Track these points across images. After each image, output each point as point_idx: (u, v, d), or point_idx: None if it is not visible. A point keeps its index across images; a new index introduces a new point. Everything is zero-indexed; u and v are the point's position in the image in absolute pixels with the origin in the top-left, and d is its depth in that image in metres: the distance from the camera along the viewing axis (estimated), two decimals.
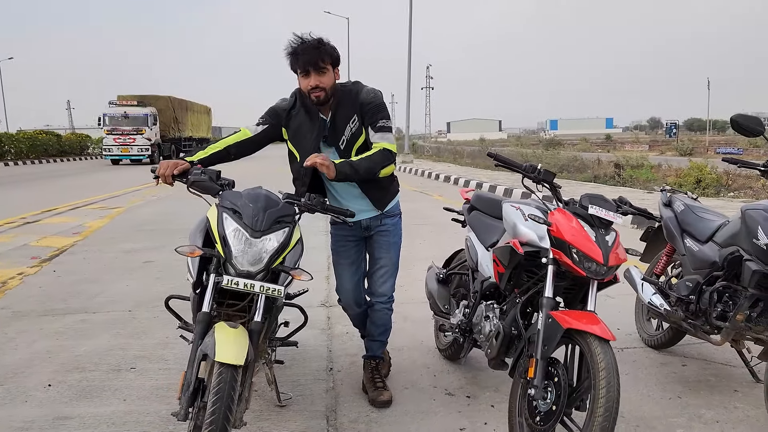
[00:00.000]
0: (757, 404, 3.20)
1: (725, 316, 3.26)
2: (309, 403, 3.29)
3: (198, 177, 2.61)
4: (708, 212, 3.76)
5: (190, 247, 2.48)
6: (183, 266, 6.79)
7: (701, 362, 3.84)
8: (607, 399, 2.28)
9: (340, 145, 3.01)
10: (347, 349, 4.12)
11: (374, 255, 3.28)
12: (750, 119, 3.19)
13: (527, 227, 2.80)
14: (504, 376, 3.54)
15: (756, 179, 14.48)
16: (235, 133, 3.05)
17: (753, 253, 3.08)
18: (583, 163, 20.00)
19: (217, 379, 2.18)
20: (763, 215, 3.05)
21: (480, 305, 3.19)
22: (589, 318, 2.52)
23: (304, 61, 2.85)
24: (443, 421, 3.08)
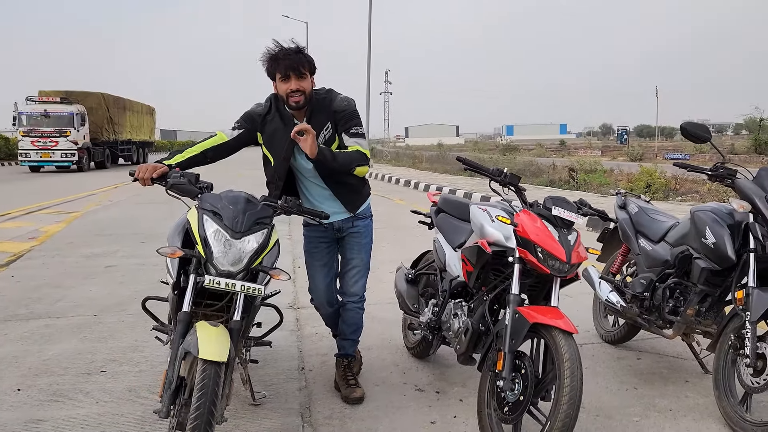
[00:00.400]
0: (706, 393, 3.42)
1: (677, 311, 3.48)
2: (283, 401, 3.36)
3: (177, 180, 2.67)
4: (660, 214, 3.98)
5: (170, 248, 2.54)
6: (147, 271, 6.79)
7: (654, 356, 4.05)
8: (571, 388, 2.44)
9: None
10: (317, 349, 4.20)
11: (346, 256, 3.38)
12: (698, 126, 3.42)
13: (494, 228, 2.94)
14: (470, 372, 3.70)
15: (702, 183, 15.11)
16: (212, 137, 3.11)
17: (702, 251, 3.30)
18: (539, 168, 20.46)
19: (201, 376, 2.24)
20: (710, 216, 3.27)
21: (449, 303, 3.32)
22: (554, 313, 2.68)
23: (285, 66, 2.94)
24: (415, 415, 3.20)
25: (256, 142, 3.16)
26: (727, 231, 3.16)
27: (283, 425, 3.09)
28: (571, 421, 2.43)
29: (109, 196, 15.23)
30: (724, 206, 3.37)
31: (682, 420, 3.14)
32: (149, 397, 3.40)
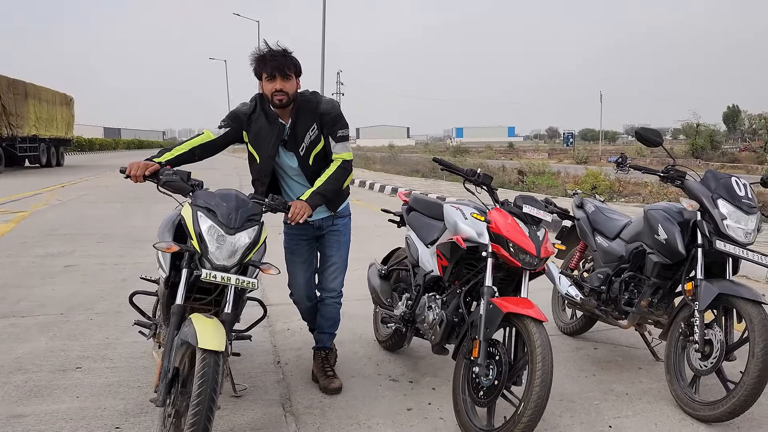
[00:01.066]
0: (658, 379, 3.70)
1: (632, 303, 3.75)
2: (263, 393, 3.47)
3: (170, 177, 2.76)
4: (614, 213, 4.27)
5: (166, 243, 2.63)
6: (108, 270, 6.74)
7: (610, 346, 4.33)
8: (543, 372, 2.64)
9: (300, 151, 3.23)
10: (290, 344, 4.32)
11: (326, 253, 3.52)
12: (651, 132, 3.70)
13: (467, 225, 3.14)
14: (440, 363, 3.89)
15: (644, 186, 15.82)
16: (199, 135, 3.21)
17: (654, 247, 3.58)
18: (489, 170, 20.91)
19: (201, 365, 2.34)
20: (662, 214, 3.56)
21: (422, 297, 3.49)
22: (525, 303, 2.89)
23: (272, 66, 3.07)
24: (391, 404, 3.36)
25: (242, 141, 3.27)
26: (678, 228, 3.45)
27: (266, 415, 3.20)
28: (543, 402, 2.63)
29: (56, 195, 14.84)
30: (674, 205, 3.66)
31: (637, 403, 3.40)
32: (130, 392, 3.46)
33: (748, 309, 3.03)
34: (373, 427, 3.09)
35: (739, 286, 3.16)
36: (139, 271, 6.56)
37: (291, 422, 3.14)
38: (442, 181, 19.75)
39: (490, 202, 3.21)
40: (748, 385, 2.92)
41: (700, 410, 3.14)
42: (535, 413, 2.62)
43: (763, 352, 2.90)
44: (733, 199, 3.28)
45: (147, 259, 7.21)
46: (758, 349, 2.91)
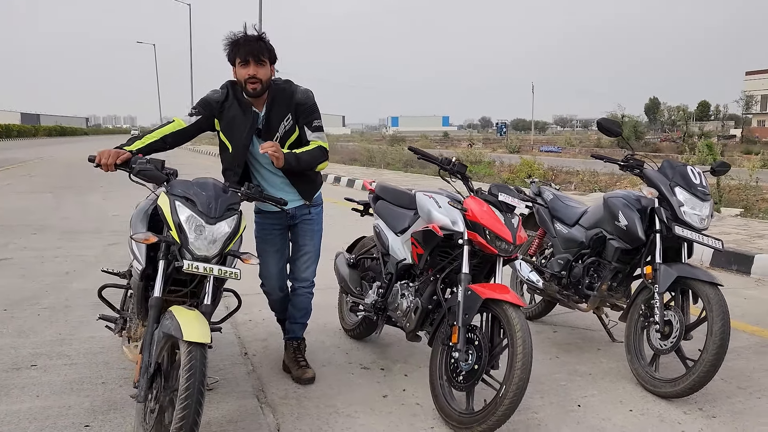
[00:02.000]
0: (617, 359, 3.87)
1: (592, 287, 3.90)
2: (235, 385, 3.42)
3: (144, 166, 2.65)
4: (572, 201, 4.41)
5: (144, 235, 2.53)
6: (49, 263, 6.46)
7: (568, 329, 4.49)
8: (523, 355, 2.72)
9: (274, 140, 3.17)
10: (255, 335, 4.26)
11: (298, 242, 3.48)
12: (612, 122, 3.84)
13: (441, 213, 3.18)
14: (410, 349, 3.94)
15: (575, 174, 16.44)
16: (169, 123, 3.10)
17: (615, 233, 3.73)
18: None
19: (188, 358, 2.28)
20: (622, 202, 3.70)
21: (395, 285, 3.52)
22: (501, 288, 2.95)
23: (245, 51, 3.00)
24: (366, 391, 3.38)
25: (213, 129, 3.18)
26: (637, 215, 3.60)
27: (241, 408, 3.16)
28: (524, 384, 2.71)
29: None
30: (632, 193, 3.82)
31: (601, 382, 3.55)
32: (94, 389, 3.33)
33: (706, 290, 3.21)
34: (351, 415, 3.09)
35: (696, 269, 3.34)
36: (81, 264, 6.33)
37: (268, 413, 3.10)
38: (384, 170, 19.83)
39: (464, 191, 3.25)
40: (707, 362, 3.09)
41: (661, 387, 3.31)
42: (517, 395, 2.70)
43: (720, 330, 3.08)
44: (690, 187, 3.45)
45: (87, 251, 6.95)
46: (716, 327, 3.09)
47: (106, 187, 14.06)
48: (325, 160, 3.25)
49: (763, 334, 4.34)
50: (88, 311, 4.71)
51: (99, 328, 4.18)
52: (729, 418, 3.10)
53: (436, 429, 2.98)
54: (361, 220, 4.53)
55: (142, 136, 2.99)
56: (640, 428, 3.00)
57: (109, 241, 7.53)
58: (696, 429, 2.99)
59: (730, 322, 3.11)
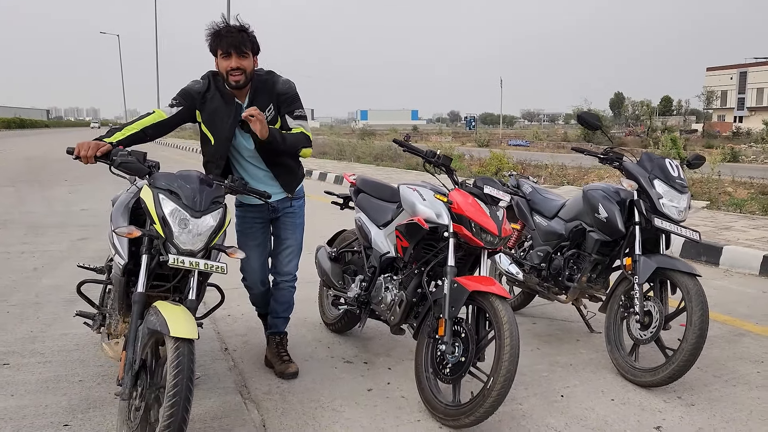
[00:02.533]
0: (596, 349, 3.92)
1: (572, 279, 3.94)
2: (217, 381, 3.37)
3: (125, 158, 2.58)
4: (550, 194, 4.45)
5: (127, 228, 2.47)
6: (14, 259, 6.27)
7: (547, 320, 4.54)
8: (511, 347, 2.73)
9: None
10: (234, 330, 4.21)
11: (281, 236, 3.44)
12: (591, 116, 3.88)
13: (425, 206, 3.17)
14: (392, 342, 3.93)
15: (543, 168, 16.63)
16: (149, 114, 3.02)
17: (595, 225, 3.77)
18: (396, 153, 21.09)
19: (175, 354, 2.23)
20: (601, 194, 3.75)
21: (378, 278, 3.50)
22: (487, 281, 2.96)
23: (227, 43, 2.94)
24: (350, 385, 3.36)
25: (194, 120, 3.11)
26: (617, 207, 3.65)
27: (225, 404, 3.11)
28: (511, 376, 2.72)
29: None
30: (610, 185, 3.86)
31: (582, 372, 3.59)
32: (71, 387, 3.24)
33: (685, 281, 3.26)
34: (337, 409, 3.07)
35: (675, 260, 3.40)
36: (50, 259, 6.17)
37: (252, 409, 3.06)
38: (355, 163, 19.77)
39: (449, 184, 3.25)
40: (687, 351, 3.15)
41: (641, 377, 3.36)
42: (504, 387, 2.71)
43: (699, 320, 3.14)
44: (668, 180, 3.50)
45: (55, 246, 6.78)
46: (695, 318, 3.15)
47: (71, 180, 13.73)
48: (309, 146, 3.21)
49: (735, 323, 4.45)
50: (60, 307, 4.60)
51: (72, 325, 4.08)
52: (707, 406, 3.16)
53: (422, 422, 2.98)
54: (337, 213, 4.50)
55: (122, 128, 2.90)
56: (622, 417, 3.04)
57: (78, 236, 7.35)
58: (676, 417, 3.04)
59: (708, 312, 3.18)
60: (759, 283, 5.61)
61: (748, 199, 9.76)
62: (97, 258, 5.97)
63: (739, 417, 3.05)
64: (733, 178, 12.22)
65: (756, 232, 7.16)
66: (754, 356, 3.84)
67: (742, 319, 4.54)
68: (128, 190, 2.93)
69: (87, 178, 14.04)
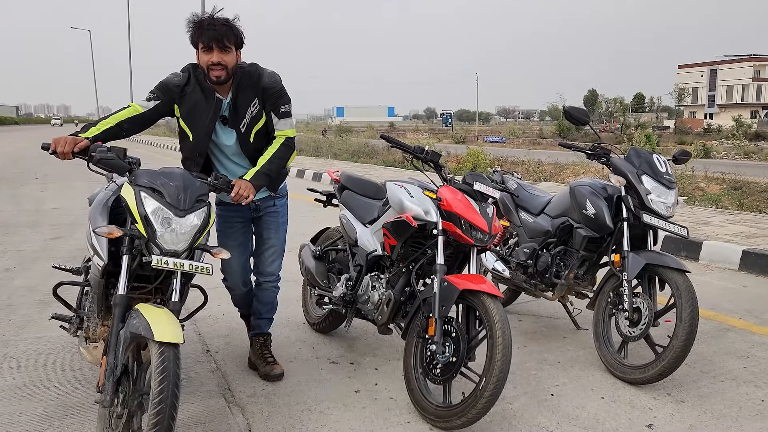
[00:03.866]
0: (583, 346, 3.90)
1: (559, 276, 3.91)
2: (199, 384, 3.26)
3: (105, 155, 2.46)
4: (536, 190, 4.42)
5: (107, 228, 2.35)
6: None
7: (532, 317, 4.51)
8: (503, 346, 2.68)
9: (241, 128, 3.03)
10: (216, 331, 4.10)
11: (263, 235, 3.34)
12: (579, 111, 3.84)
13: (413, 203, 3.11)
14: (377, 342, 3.87)
15: (520, 164, 16.69)
16: (125, 108, 2.90)
17: (582, 221, 3.74)
18: (373, 150, 21.02)
19: (160, 359, 2.14)
20: (589, 190, 3.72)
21: (365, 277, 3.42)
22: (478, 279, 2.90)
23: (208, 36, 2.82)
24: (337, 387, 3.28)
25: (172, 114, 3.00)
26: (605, 203, 3.62)
27: (208, 408, 3.02)
28: (504, 376, 2.67)
29: None
30: (597, 181, 3.84)
31: (570, 370, 3.56)
32: (46, 393, 3.12)
33: (675, 277, 3.25)
34: (324, 412, 3.00)
35: (664, 256, 3.38)
36: (21, 259, 5.98)
37: (237, 413, 2.97)
38: (333, 160, 19.64)
39: (438, 180, 3.19)
40: (677, 348, 3.14)
41: (630, 374, 3.34)
42: (497, 387, 2.65)
43: (690, 317, 3.13)
44: (656, 175, 3.48)
45: (26, 246, 6.58)
46: (685, 314, 3.13)
47: (42, 178, 13.40)
48: (292, 152, 3.14)
49: (718, 318, 4.46)
50: (33, 310, 4.44)
51: (46, 328, 3.95)
52: (697, 402, 3.15)
53: (412, 423, 2.91)
54: (317, 211, 4.42)
55: (96, 123, 2.78)
56: (613, 415, 3.01)
57: (50, 235, 7.14)
58: (667, 414, 3.03)
59: (698, 308, 3.16)
60: (739, 278, 5.65)
61: (721, 195, 9.89)
62: (70, 258, 5.81)
63: (729, 413, 3.04)
64: (706, 174, 12.38)
65: (734, 227, 7.23)
66: (740, 351, 3.85)
67: (725, 314, 4.56)
68: (107, 188, 2.81)
69: (58, 175, 13.72)
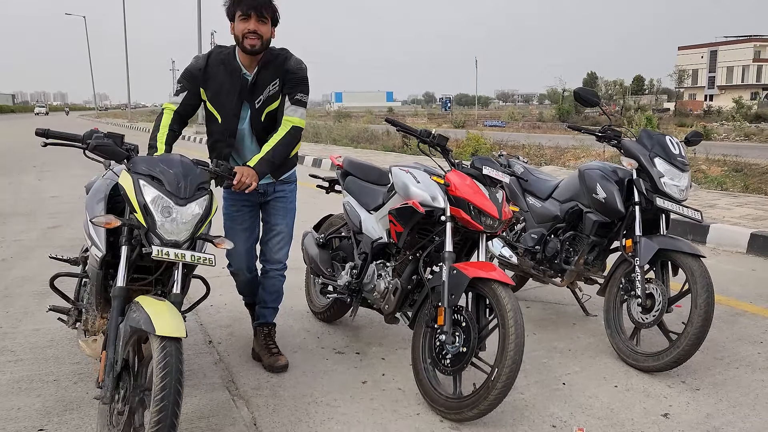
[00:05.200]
0: (593, 333, 3.82)
1: (568, 261, 3.82)
2: (202, 377, 3.19)
3: (101, 141, 2.36)
4: (543, 174, 4.32)
5: (105, 218, 2.25)
6: None
7: (540, 304, 4.43)
8: (516, 335, 2.59)
9: (256, 103, 3.01)
10: (218, 321, 4.02)
11: (270, 221, 3.26)
12: (588, 92, 3.73)
13: (419, 189, 3.01)
14: (383, 332, 3.79)
15: (520, 148, 16.56)
16: (163, 113, 2.95)
17: (593, 206, 3.64)
18: (373, 135, 20.88)
19: (162, 354, 2.05)
20: (599, 174, 3.62)
21: (370, 265, 3.33)
22: (488, 267, 2.81)
23: (247, 4, 2.82)
24: (343, 378, 3.20)
25: (200, 100, 3.01)
26: (616, 187, 3.53)
27: (212, 401, 2.94)
28: (517, 366, 2.59)
29: None
30: (607, 165, 3.74)
31: (581, 358, 3.49)
32: (45, 387, 3.04)
33: (689, 262, 3.16)
34: (331, 404, 2.92)
35: (678, 240, 3.29)
36: (19, 249, 5.89)
37: (242, 406, 2.90)
38: (332, 146, 19.50)
39: (445, 165, 3.09)
40: (692, 334, 3.05)
41: (643, 361, 3.26)
42: (510, 378, 2.58)
43: (705, 303, 3.04)
44: (669, 158, 3.38)
45: (24, 235, 6.50)
46: (701, 300, 3.05)
47: (39, 167, 13.28)
48: (298, 142, 3.10)
49: (729, 303, 4.38)
50: (31, 301, 4.36)
51: (45, 320, 3.87)
52: (712, 390, 3.08)
53: (422, 415, 2.84)
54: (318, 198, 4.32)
55: (155, 138, 2.83)
56: (627, 405, 2.94)
57: (48, 224, 7.05)
58: (683, 403, 2.95)
59: (714, 294, 3.08)
60: (748, 262, 5.57)
61: (722, 177, 9.79)
62: (69, 247, 5.72)
63: (745, 401, 2.97)
64: (707, 156, 12.26)
65: (740, 210, 7.14)
66: (753, 337, 3.77)
67: (736, 298, 4.48)
68: (104, 176, 2.71)
69: (56, 163, 13.60)
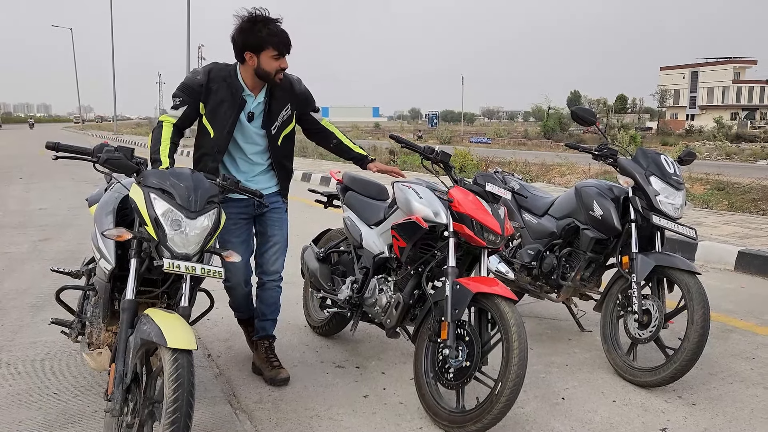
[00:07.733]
0: (589, 348, 3.87)
1: (565, 277, 3.87)
2: (203, 390, 3.18)
3: (112, 155, 2.37)
4: (538, 190, 4.38)
5: (117, 231, 2.27)
6: None
7: (536, 319, 4.47)
8: (519, 350, 2.63)
9: (272, 129, 3.11)
10: (216, 335, 4.02)
11: (267, 232, 3.28)
12: (586, 111, 3.81)
13: (421, 204, 3.05)
14: (382, 345, 3.81)
15: (506, 165, 16.72)
16: (163, 126, 2.93)
17: (589, 223, 3.71)
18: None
19: (174, 366, 2.06)
20: (595, 191, 3.69)
21: (372, 280, 3.36)
22: (490, 281, 2.86)
23: (283, 44, 2.92)
24: (345, 391, 3.22)
25: (198, 115, 3.05)
26: (613, 204, 3.59)
27: (214, 415, 2.94)
28: (520, 380, 2.62)
29: None
30: (603, 182, 3.81)
31: (578, 373, 3.53)
32: (46, 400, 3.02)
33: (685, 279, 3.22)
34: (334, 418, 2.93)
35: (674, 257, 3.36)
36: (9, 262, 5.84)
37: (244, 420, 2.90)
38: (321, 160, 19.53)
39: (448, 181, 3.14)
40: (688, 350, 3.11)
41: (640, 377, 3.31)
42: (514, 392, 2.61)
43: (701, 319, 3.10)
44: (664, 176, 3.46)
45: (14, 248, 6.44)
46: (697, 316, 3.11)
47: (26, 178, 13.18)
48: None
49: (720, 319, 4.45)
50: (25, 314, 4.33)
51: (41, 332, 3.85)
52: (709, 405, 3.13)
53: (424, 429, 2.86)
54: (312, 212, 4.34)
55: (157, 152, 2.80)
56: (626, 419, 2.98)
57: (38, 237, 7.00)
58: (680, 417, 3.00)
59: (710, 310, 3.14)
60: (736, 279, 5.67)
61: (706, 194, 9.99)
62: (61, 260, 5.69)
63: (741, 416, 3.02)
64: (689, 174, 12.46)
65: (727, 228, 7.27)
66: (745, 353, 3.84)
67: (727, 314, 4.56)
68: (110, 189, 2.73)
69: (43, 175, 13.50)
